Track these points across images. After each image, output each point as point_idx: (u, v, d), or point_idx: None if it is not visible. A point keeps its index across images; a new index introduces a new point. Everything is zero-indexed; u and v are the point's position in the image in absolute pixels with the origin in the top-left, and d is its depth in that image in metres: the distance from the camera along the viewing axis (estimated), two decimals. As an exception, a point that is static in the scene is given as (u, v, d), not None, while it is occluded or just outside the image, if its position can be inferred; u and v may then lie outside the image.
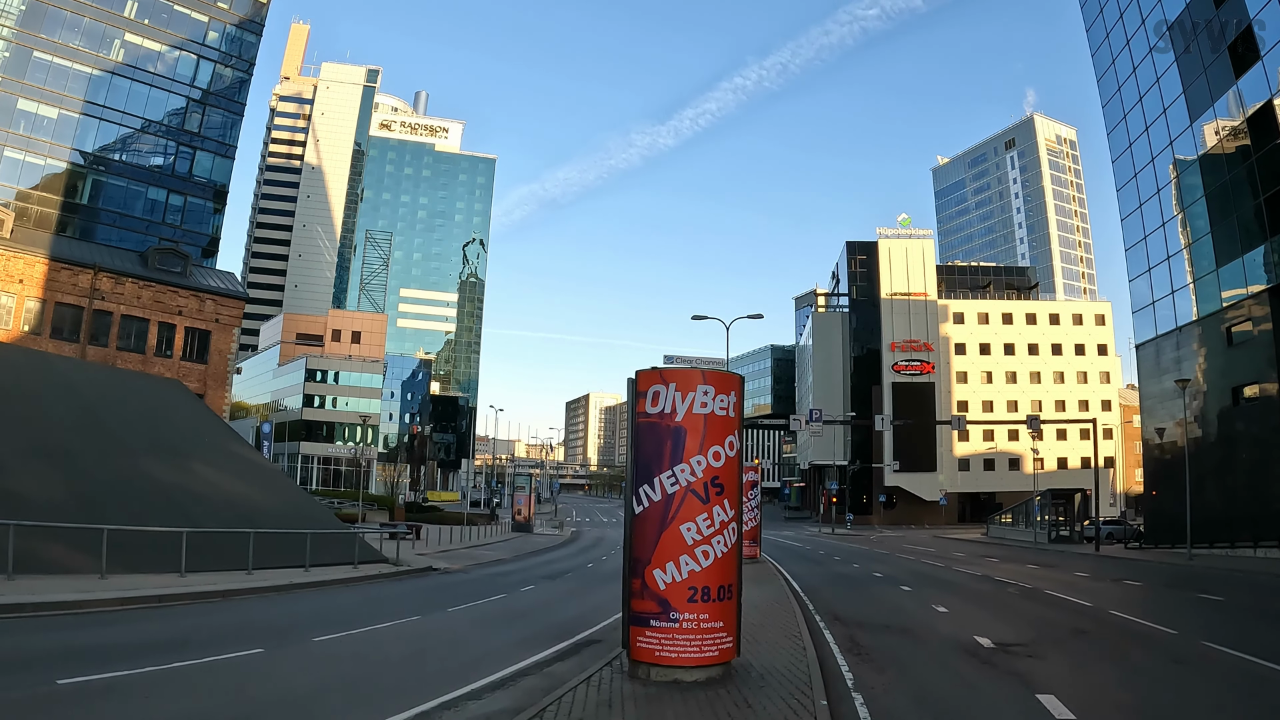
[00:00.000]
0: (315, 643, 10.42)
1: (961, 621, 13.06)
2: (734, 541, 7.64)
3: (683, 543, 7.42)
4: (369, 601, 15.65)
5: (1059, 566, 27.01)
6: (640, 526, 7.64)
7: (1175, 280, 36.14)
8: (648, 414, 7.70)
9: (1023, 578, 21.72)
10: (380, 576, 19.83)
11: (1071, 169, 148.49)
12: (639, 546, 7.64)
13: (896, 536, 53.41)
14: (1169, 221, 36.71)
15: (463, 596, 16.29)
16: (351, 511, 46.65)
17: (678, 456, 7.50)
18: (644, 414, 7.74)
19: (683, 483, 7.47)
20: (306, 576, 18.58)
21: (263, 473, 24.66)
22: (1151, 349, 38.53)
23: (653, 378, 7.75)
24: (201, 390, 42.04)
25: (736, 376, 7.94)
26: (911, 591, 17.48)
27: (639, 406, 7.80)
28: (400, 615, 13.23)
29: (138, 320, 40.94)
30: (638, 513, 7.68)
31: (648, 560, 7.53)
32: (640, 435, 7.76)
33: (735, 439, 7.76)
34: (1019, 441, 78.78)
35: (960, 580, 21.06)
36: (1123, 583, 21.64)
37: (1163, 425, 36.94)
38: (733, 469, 7.69)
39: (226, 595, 14.99)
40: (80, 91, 47.57)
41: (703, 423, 7.56)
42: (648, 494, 7.59)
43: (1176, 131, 36.04)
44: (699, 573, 7.42)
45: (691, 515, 7.44)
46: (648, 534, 7.56)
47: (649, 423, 7.69)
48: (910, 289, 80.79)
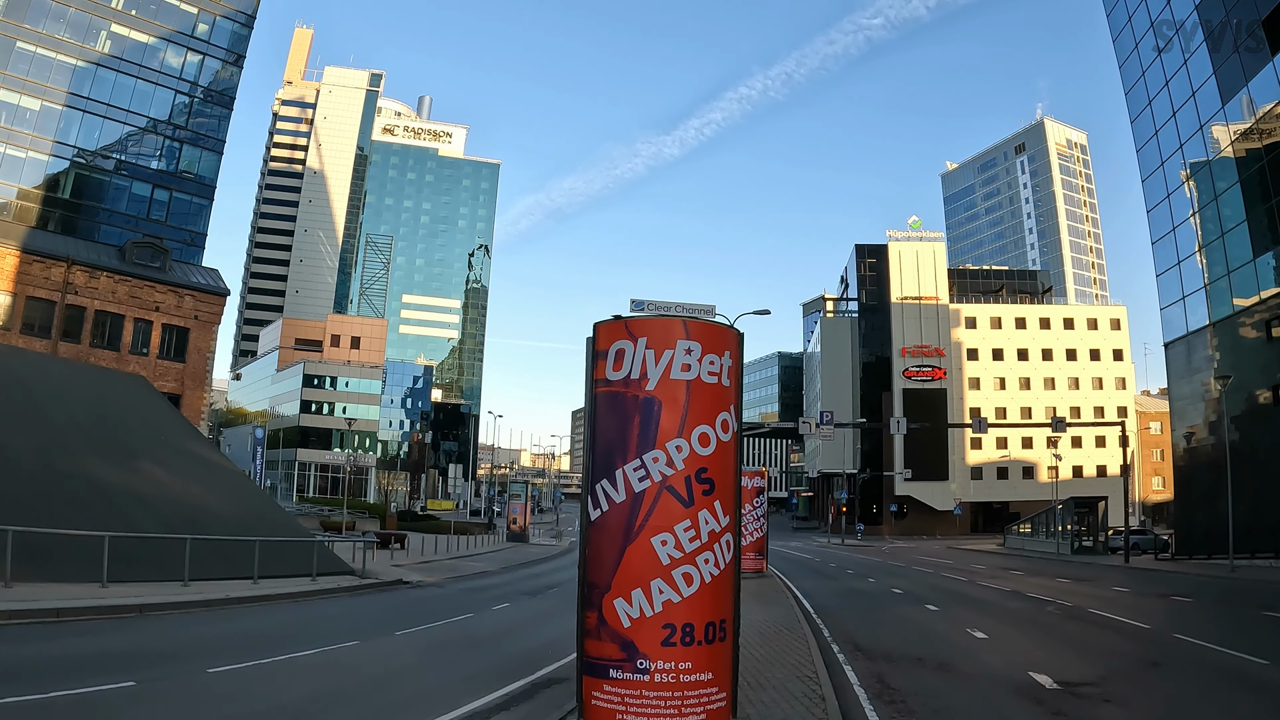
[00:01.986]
0: (207, 675, 8.40)
1: (1007, 651, 10.88)
2: (729, 560, 5.51)
3: (655, 561, 5.29)
4: (310, 621, 13.56)
5: (1092, 580, 24.73)
6: (597, 538, 5.52)
7: (1209, 272, 33.87)
8: (608, 381, 5.59)
9: (1058, 594, 19.48)
10: (338, 591, 17.73)
11: (1082, 173, 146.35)
12: (595, 567, 5.51)
13: (909, 547, 51.03)
14: (1201, 209, 34.47)
15: (421, 616, 14.15)
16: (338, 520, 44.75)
17: (649, 440, 5.37)
18: (603, 381, 5.63)
19: (655, 476, 5.34)
20: (253, 589, 16.55)
21: (221, 475, 22.63)
22: (1182, 347, 36.23)
23: (615, 331, 5.64)
24: (179, 390, 40.13)
25: (733, 331, 5.83)
26: (939, 612, 15.26)
27: (597, 371, 5.69)
28: (336, 639, 11.13)
29: (112, 316, 39.05)
30: (594, 519, 5.56)
31: (606, 586, 5.40)
32: (598, 411, 5.65)
33: (732, 418, 5.64)
34: (1033, 449, 76.41)
35: (990, 597, 18.82)
36: (1170, 598, 19.40)
37: (1195, 427, 34.61)
38: (727, 459, 5.56)
39: (144, 610, 12.97)
40: (64, 84, 46.07)
41: (684, 392, 5.43)
42: (607, 493, 5.47)
43: (1207, 114, 33.87)
44: (679, 604, 5.28)
45: (668, 523, 5.31)
46: (606, 549, 5.44)
47: (610, 393, 5.58)
48: (921, 293, 78.53)
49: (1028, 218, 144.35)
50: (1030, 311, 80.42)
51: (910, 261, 78.86)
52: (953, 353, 76.83)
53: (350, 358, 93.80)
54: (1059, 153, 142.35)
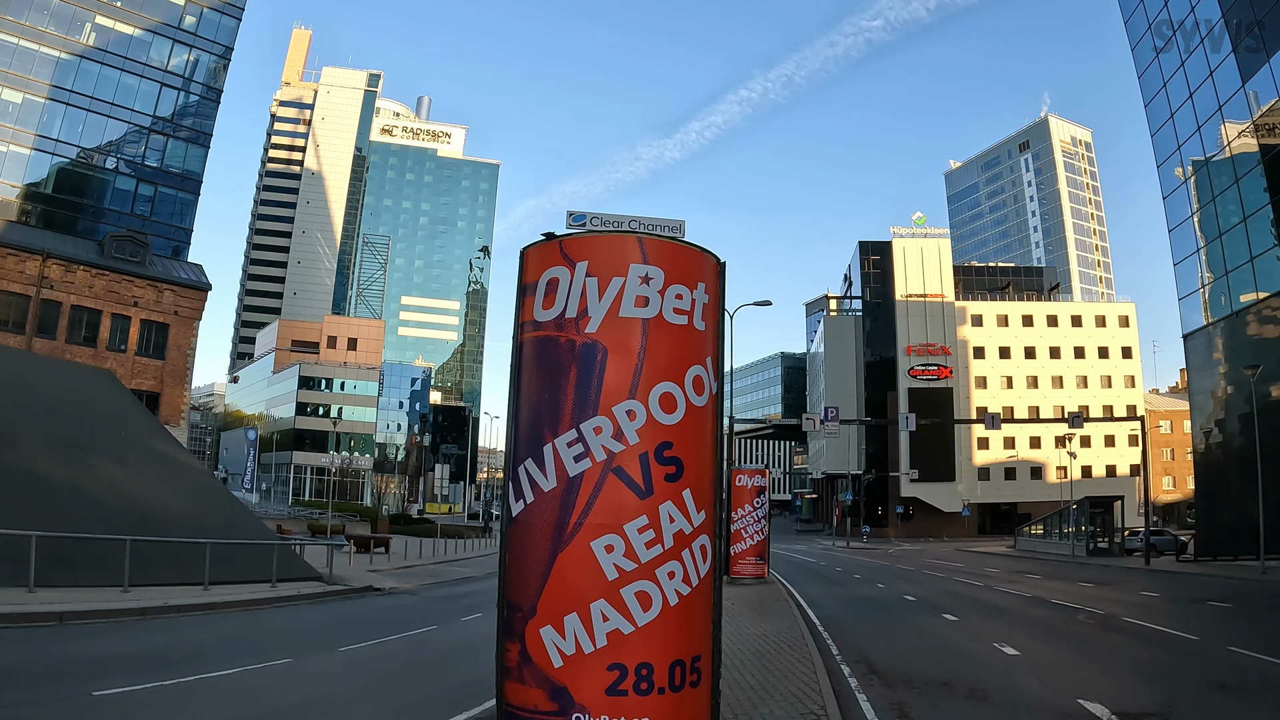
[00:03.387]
0: (90, 699, 7.11)
1: (1045, 671, 9.31)
2: (705, 573, 3.94)
3: (597, 575, 3.74)
4: (249, 633, 12.05)
5: (1115, 584, 23.12)
6: (520, 542, 3.97)
7: (1230, 259, 32.24)
8: (537, 323, 4.06)
9: (1084, 600, 17.88)
10: (297, 598, 16.21)
11: (1087, 170, 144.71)
12: (516, 581, 3.96)
13: (916, 550, 49.38)
14: (1222, 194, 32.87)
15: (378, 628, 12.59)
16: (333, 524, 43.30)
17: (588, 402, 3.83)
18: (530, 324, 4.10)
19: (597, 454, 3.79)
20: (201, 596, 15.15)
21: (183, 474, 21.16)
22: (1203, 338, 34.59)
23: (548, 255, 4.10)
24: (158, 388, 38.71)
25: (709, 257, 4.27)
26: (959, 622, 13.67)
27: (524, 312, 4.16)
28: (268, 655, 9.63)
29: (89, 311, 37.68)
30: (515, 516, 4.02)
31: (531, 609, 3.85)
32: (523, 365, 4.12)
33: (709, 374, 4.09)
34: (1041, 449, 74.79)
35: (1011, 605, 17.23)
36: (1206, 604, 17.79)
37: (1217, 422, 32.99)
38: (702, 432, 4.02)
39: (65, 618, 11.60)
40: (47, 76, 44.93)
41: (639, 336, 3.89)
42: (532, 478, 3.92)
43: (1226, 94, 32.30)
44: (631, 636, 3.72)
45: (615, 520, 3.76)
46: (531, 557, 3.89)
47: (538, 339, 4.05)
48: (926, 290, 76.88)
49: (1032, 215, 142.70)
50: (1037, 308, 78.75)
51: (915, 258, 77.24)
52: (959, 351, 75.20)
53: (347, 359, 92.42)
54: (1064, 150, 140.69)
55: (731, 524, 21.58)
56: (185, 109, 48.53)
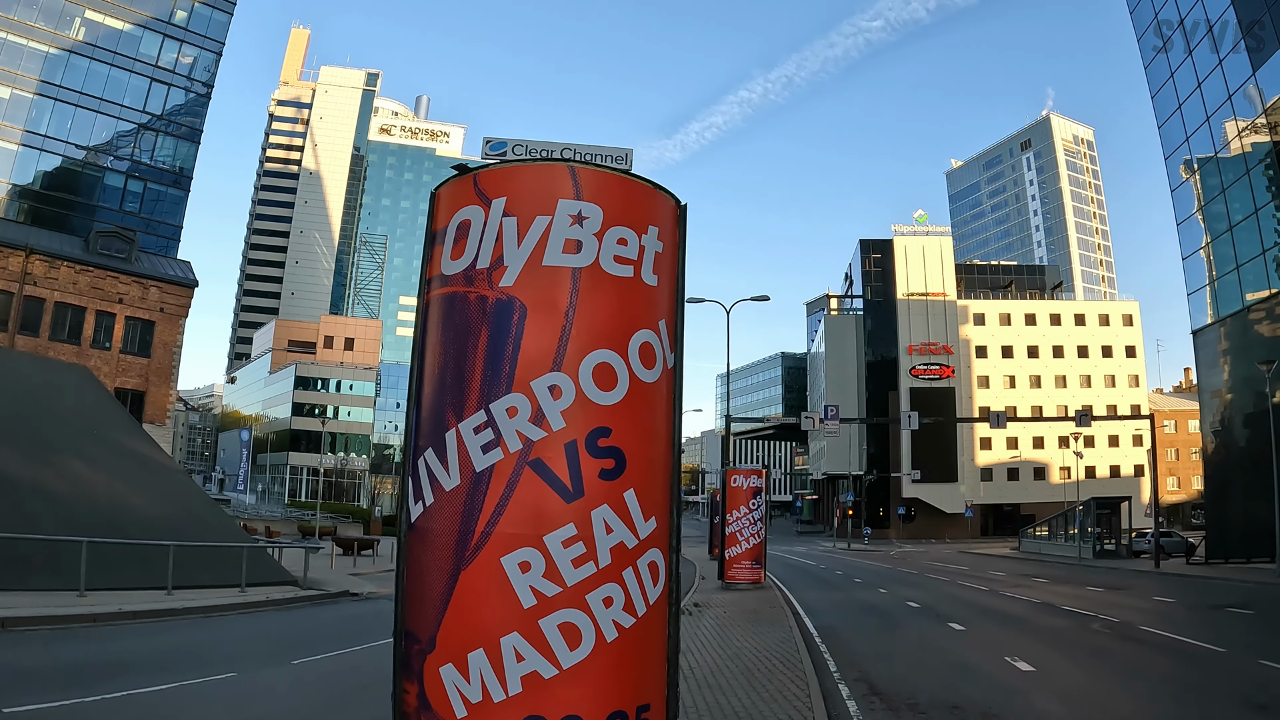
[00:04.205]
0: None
1: (1065, 691, 8.43)
2: (656, 597, 3.03)
3: (509, 600, 2.84)
4: (202, 643, 11.19)
5: (1126, 588, 22.22)
6: (418, 554, 3.09)
7: (1241, 252, 31.33)
8: (445, 277, 3.19)
9: (1096, 606, 16.99)
10: (265, 604, 15.35)
11: (1089, 169, 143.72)
12: (414, 605, 3.07)
13: (919, 552, 48.46)
14: (1233, 185, 31.96)
15: (343, 638, 11.73)
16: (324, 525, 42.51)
17: (499, 375, 2.95)
18: (438, 279, 3.23)
19: (511, 442, 2.89)
20: (163, 601, 14.38)
21: (156, 474, 20.31)
22: (1213, 334, 33.69)
23: (460, 194, 3.21)
24: (143, 386, 37.90)
25: (664, 196, 3.37)
26: (966, 632, 12.78)
27: (431, 265, 3.29)
28: (213, 668, 8.79)
29: (73, 308, 36.87)
30: (414, 520, 3.15)
31: (429, 641, 2.97)
32: (427, 330, 3.25)
33: (662, 343, 3.20)
34: (1045, 449, 73.86)
35: (1019, 611, 16.33)
36: (1225, 610, 16.89)
37: (1229, 420, 32.09)
38: (651, 416, 3.13)
39: (6, 625, 10.96)
40: (35, 71, 44.32)
41: (569, 290, 3.00)
42: (432, 472, 3.04)
43: (1236, 83, 31.41)
44: (555, 681, 2.80)
45: (532, 528, 2.86)
46: (430, 575, 3.01)
47: (445, 296, 3.17)
48: (928, 289, 75.94)
49: (1034, 214, 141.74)
50: (1040, 307, 77.80)
51: (916, 256, 76.31)
52: (961, 350, 74.25)
53: (344, 359, 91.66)
54: (1065, 149, 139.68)
55: (727, 527, 20.70)
56: (176, 104, 47.91)
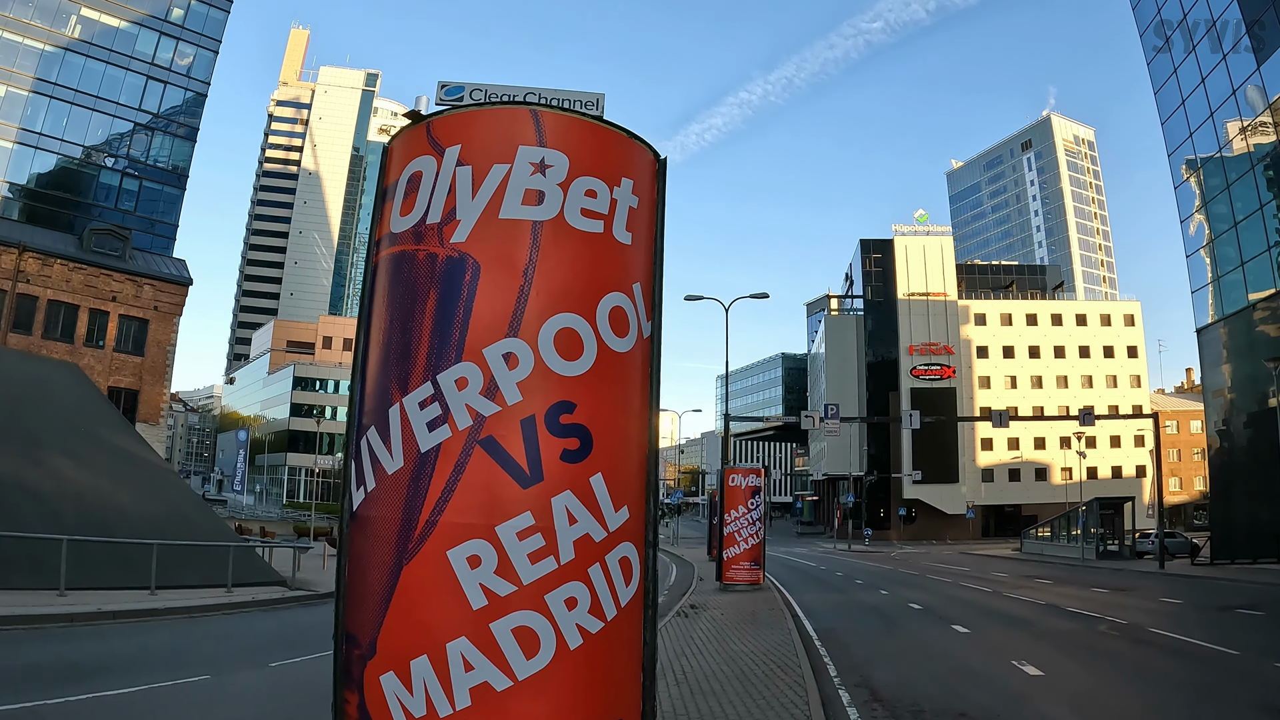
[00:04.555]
0: None
1: (1076, 698, 8.06)
2: (626, 600, 2.64)
3: (456, 600, 2.45)
4: (182, 644, 10.86)
5: (1132, 590, 21.83)
6: (358, 548, 2.72)
7: (1246, 249, 30.95)
8: (394, 235, 2.82)
9: (1102, 607, 16.61)
10: (251, 605, 15.01)
11: (1090, 169, 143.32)
12: (353, 603, 2.70)
13: (920, 553, 48.07)
14: (1237, 181, 31.60)
15: (324, 641, 11.28)
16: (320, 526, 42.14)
17: (448, 343, 2.56)
18: (387, 239, 2.86)
19: (460, 419, 2.50)
20: (147, 601, 14.07)
21: (144, 472, 20.00)
22: (1217, 332, 33.32)
23: (413, 144, 2.84)
24: (137, 385, 37.55)
25: (641, 147, 2.97)
26: (971, 635, 12.40)
27: (381, 224, 2.92)
28: (188, 670, 8.48)
29: (66, 306, 36.56)
30: (355, 509, 2.77)
31: (369, 646, 2.61)
32: (375, 294, 2.87)
33: (637, 310, 2.83)
34: (1046, 450, 73.46)
35: (1024, 613, 15.95)
36: (1234, 612, 16.50)
37: (1234, 419, 31.72)
38: (626, 390, 2.75)
39: None
40: (31, 69, 44.08)
41: (528, 245, 2.62)
42: (375, 454, 2.68)
43: (1239, 79, 31.08)
44: (509, 694, 2.40)
45: (483, 517, 2.46)
46: (371, 570, 2.64)
47: (393, 256, 2.80)
48: (929, 289, 75.52)
49: (1035, 215, 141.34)
50: (1041, 307, 77.39)
51: (917, 256, 75.91)
52: (962, 350, 73.85)
53: (343, 360, 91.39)
54: (1066, 149, 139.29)
55: (725, 527, 20.34)
56: (172, 103, 47.67)
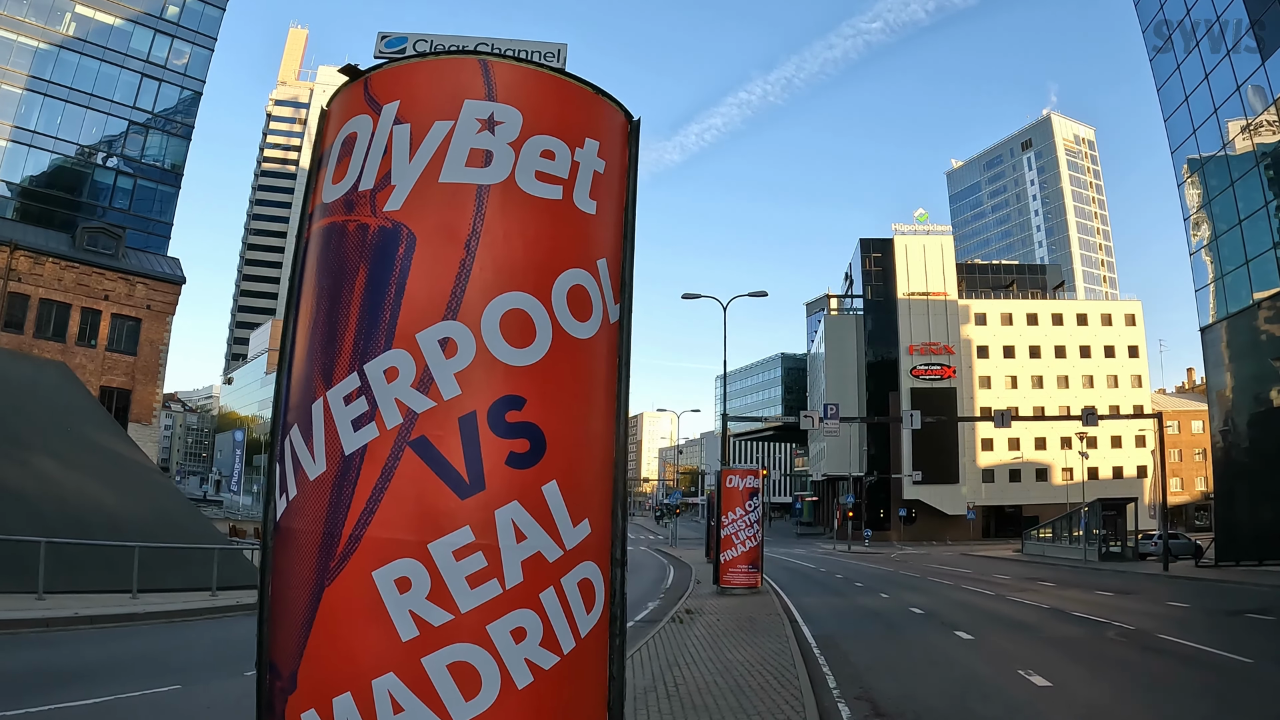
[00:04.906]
0: None
1: (1086, 710, 7.69)
2: (588, 630, 2.27)
3: (383, 630, 2.06)
4: (158, 651, 10.49)
5: (1137, 592, 21.46)
6: (280, 565, 2.37)
7: (1251, 246, 30.59)
8: (325, 206, 2.46)
9: (1108, 612, 16.24)
10: (235, 609, 14.62)
11: (1090, 169, 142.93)
12: (275, 628, 2.35)
13: (920, 554, 47.70)
14: (1240, 179, 31.24)
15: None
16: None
17: (377, 328, 2.19)
18: (320, 209, 2.49)
19: (389, 415, 2.12)
20: (128, 606, 13.76)
21: (132, 473, 19.67)
22: (1222, 330, 32.94)
23: (350, 103, 2.50)
24: (129, 385, 37.19)
25: (609, 105, 2.61)
26: (975, 641, 12.03)
27: (314, 194, 2.56)
28: (158, 679, 8.09)
29: (58, 305, 36.24)
30: (278, 520, 2.41)
31: (290, 678, 2.25)
32: (305, 273, 2.51)
33: (603, 288, 2.46)
34: (1047, 450, 73.09)
35: (1029, 618, 15.57)
36: (1244, 616, 16.13)
37: (1239, 419, 31.36)
38: (585, 382, 2.37)
39: None
40: (25, 66, 43.81)
41: (472, 213, 2.25)
42: (297, 457, 2.31)
43: (1244, 74, 30.76)
44: None
45: (415, 531, 2.08)
46: (291, 591, 2.28)
47: (323, 229, 2.44)
48: (929, 288, 75.16)
49: (1035, 215, 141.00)
50: (1042, 307, 76.99)
51: (917, 256, 75.53)
52: (962, 350, 73.47)
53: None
54: (1067, 148, 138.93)
55: (723, 529, 19.96)
56: (167, 101, 47.39)
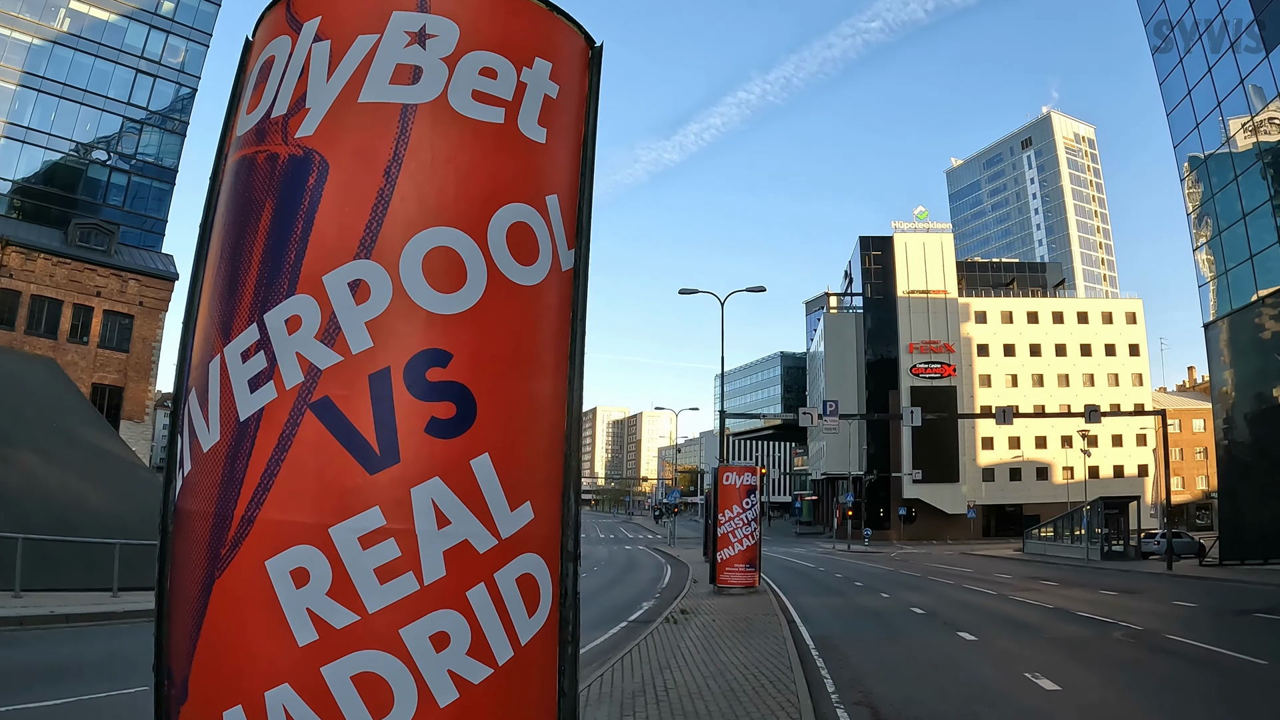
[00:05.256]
0: None
1: (1100, 716, 7.35)
2: (529, 638, 1.86)
3: (277, 631, 1.69)
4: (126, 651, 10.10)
5: (1142, 592, 21.12)
6: (176, 553, 2.02)
7: (1255, 241, 30.25)
8: (239, 138, 2.11)
9: (1114, 612, 15.89)
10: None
11: (1090, 168, 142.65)
12: (171, 631, 2.00)
13: (920, 553, 47.36)
14: (1244, 173, 30.90)
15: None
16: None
17: (280, 270, 1.82)
18: (235, 143, 2.14)
19: (289, 373, 1.74)
20: (108, 604, 13.57)
21: (118, 470, 19.35)
22: (1225, 327, 32.61)
23: (273, 25, 2.13)
24: (121, 382, 36.87)
25: (565, 25, 2.22)
26: (978, 643, 11.67)
27: (231, 127, 2.22)
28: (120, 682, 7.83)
29: (50, 301, 35.96)
30: (176, 499, 2.05)
31: (183, 686, 1.90)
32: (216, 215, 2.16)
33: (552, 228, 2.07)
34: (1048, 449, 72.80)
35: (1033, 618, 15.22)
36: (1254, 616, 15.79)
37: (1244, 416, 31.04)
38: (529, 336, 1.99)
39: None
40: (19, 62, 43.59)
41: (394, 135, 1.89)
42: (193, 426, 1.97)
43: (1248, 67, 30.44)
44: None
45: (313, 513, 1.69)
46: (183, 582, 1.93)
47: (236, 164, 2.09)
48: (929, 286, 74.79)
49: (1035, 214, 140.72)
50: (1043, 305, 76.64)
51: (917, 253, 75.17)
52: (962, 349, 73.12)
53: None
54: (1066, 147, 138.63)
55: (719, 528, 19.62)
56: (162, 97, 47.13)
